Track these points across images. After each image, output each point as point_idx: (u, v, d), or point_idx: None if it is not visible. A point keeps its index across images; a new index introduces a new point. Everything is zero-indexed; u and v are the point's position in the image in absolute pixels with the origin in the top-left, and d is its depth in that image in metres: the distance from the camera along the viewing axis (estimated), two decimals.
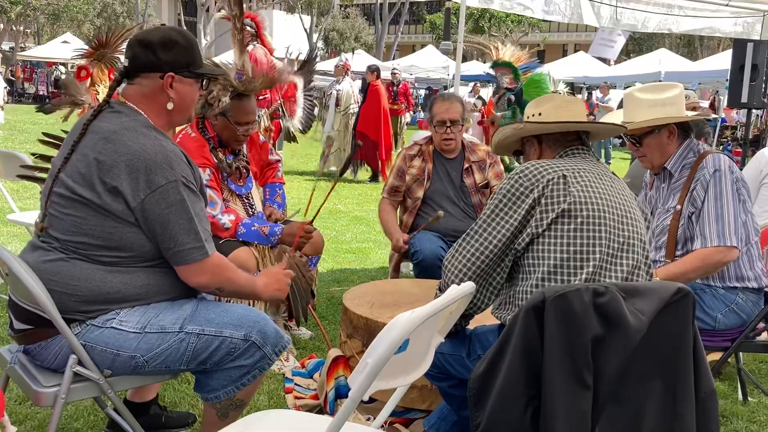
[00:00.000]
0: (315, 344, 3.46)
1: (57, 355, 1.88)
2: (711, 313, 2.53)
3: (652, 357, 1.63)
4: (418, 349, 1.53)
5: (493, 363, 1.63)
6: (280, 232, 2.97)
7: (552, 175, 1.87)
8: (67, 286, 1.85)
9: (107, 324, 1.86)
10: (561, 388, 1.55)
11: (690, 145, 2.65)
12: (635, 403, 1.63)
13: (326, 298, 4.23)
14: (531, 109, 2.14)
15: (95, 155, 1.85)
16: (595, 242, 1.83)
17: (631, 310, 1.59)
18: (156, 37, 1.96)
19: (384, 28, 37.14)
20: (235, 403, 2.01)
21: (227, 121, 2.98)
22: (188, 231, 1.87)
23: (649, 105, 2.61)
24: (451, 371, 2.06)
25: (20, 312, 1.90)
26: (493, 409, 1.61)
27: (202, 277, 1.92)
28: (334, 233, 6.27)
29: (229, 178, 3.07)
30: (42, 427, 2.47)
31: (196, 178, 1.95)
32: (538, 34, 40.94)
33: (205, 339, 1.90)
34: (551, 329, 1.56)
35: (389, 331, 1.24)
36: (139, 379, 1.98)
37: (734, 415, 2.85)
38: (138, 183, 1.82)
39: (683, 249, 2.58)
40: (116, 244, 1.87)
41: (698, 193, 2.52)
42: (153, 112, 1.97)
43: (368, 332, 2.63)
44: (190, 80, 2.01)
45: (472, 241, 1.90)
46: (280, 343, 2.00)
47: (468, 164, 3.70)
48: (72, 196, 1.86)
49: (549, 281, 1.83)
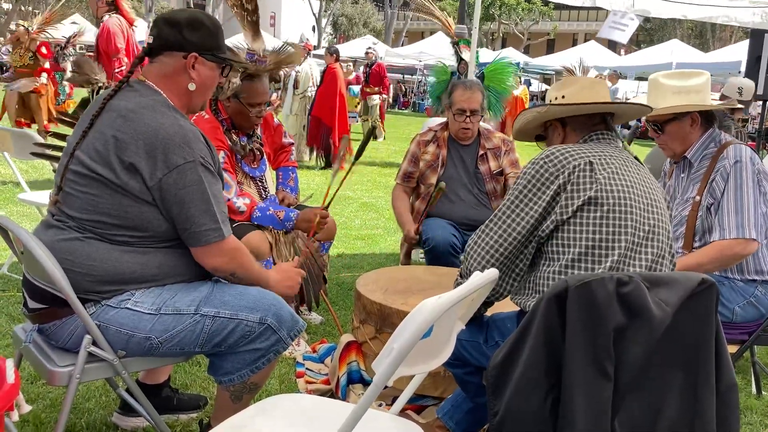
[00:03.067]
0: (326, 329, 3.45)
1: (71, 334, 1.87)
2: (729, 306, 2.50)
3: (674, 348, 1.61)
4: (440, 336, 1.51)
5: (512, 351, 1.61)
6: (295, 218, 2.95)
7: (578, 161, 1.84)
8: (83, 265, 1.83)
9: (122, 305, 1.85)
10: (582, 378, 1.53)
11: (712, 134, 2.61)
12: (656, 394, 1.61)
13: (336, 284, 4.21)
14: (554, 92, 2.10)
15: (113, 133, 1.83)
16: (620, 230, 1.80)
17: (654, 301, 1.57)
18: (183, 17, 1.94)
19: (393, 13, 36.94)
20: (249, 386, 1.99)
21: (240, 103, 2.95)
22: (205, 212, 1.85)
23: (674, 92, 2.56)
24: (468, 358, 2.04)
25: (35, 291, 1.88)
26: (512, 397, 1.59)
27: (218, 259, 1.91)
28: (344, 219, 6.25)
29: (243, 160, 3.05)
30: (54, 406, 2.46)
31: (214, 158, 1.93)
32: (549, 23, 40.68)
33: (221, 321, 1.89)
34: (573, 318, 1.53)
35: (415, 316, 1.22)
36: (153, 360, 1.97)
37: (748, 409, 2.83)
38: (156, 162, 1.80)
39: (701, 240, 2.55)
40: (132, 224, 1.85)
41: (718, 184, 2.48)
42: (172, 92, 1.95)
43: (381, 318, 2.62)
44: (212, 64, 2.00)
45: (495, 227, 1.88)
46: (296, 327, 1.99)
47: (483, 151, 3.67)
48: (88, 173, 1.84)
49: (573, 269, 1.80)
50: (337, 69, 9.68)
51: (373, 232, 5.86)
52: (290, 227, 2.96)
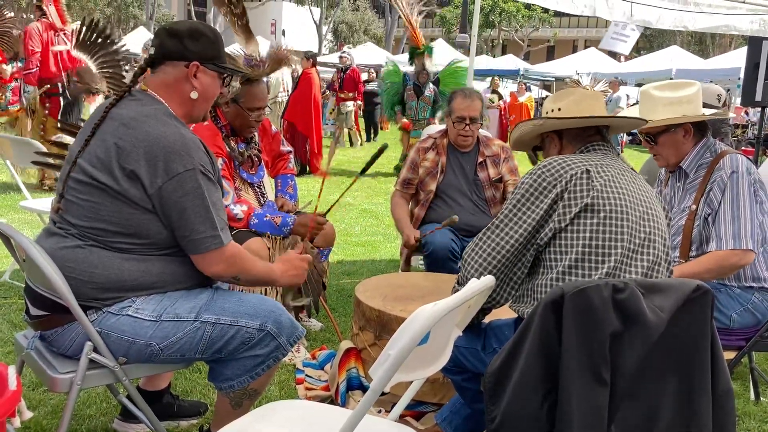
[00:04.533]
0: (325, 336, 3.47)
1: (72, 341, 1.88)
2: (726, 312, 2.51)
3: (670, 354, 1.62)
4: (437, 342, 1.52)
5: (509, 357, 1.62)
6: (292, 223, 2.97)
7: (575, 170, 1.86)
8: (84, 273, 1.85)
9: (123, 312, 1.87)
10: (578, 384, 1.54)
11: (707, 144, 2.62)
12: (652, 399, 1.62)
13: (336, 291, 4.22)
14: (550, 104, 2.12)
15: (115, 140, 1.85)
16: (617, 237, 1.82)
17: (650, 307, 1.58)
18: (184, 28, 1.99)
19: (393, 20, 37.04)
20: (249, 392, 2.01)
21: (239, 107, 2.98)
22: (205, 219, 1.87)
23: (665, 103, 2.59)
24: (466, 364, 2.06)
25: (37, 298, 1.90)
26: (509, 403, 1.60)
27: (218, 267, 1.92)
28: (344, 226, 6.27)
29: (241, 166, 3.07)
30: (55, 412, 2.48)
31: (213, 166, 1.95)
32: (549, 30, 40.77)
33: (221, 328, 1.90)
34: (569, 324, 1.55)
35: (412, 323, 1.24)
36: (154, 367, 1.99)
37: (746, 415, 2.83)
38: (156, 170, 1.82)
39: (698, 250, 2.56)
40: (133, 231, 1.87)
41: (715, 194, 2.50)
42: (174, 101, 1.98)
43: (381, 325, 2.63)
44: (214, 74, 2.02)
45: (492, 235, 1.89)
46: (295, 333, 2.00)
47: (482, 158, 3.69)
48: (90, 181, 1.86)
49: (570, 275, 1.82)
50: (312, 74, 9.53)
51: (373, 239, 5.88)
52: (287, 232, 2.98)
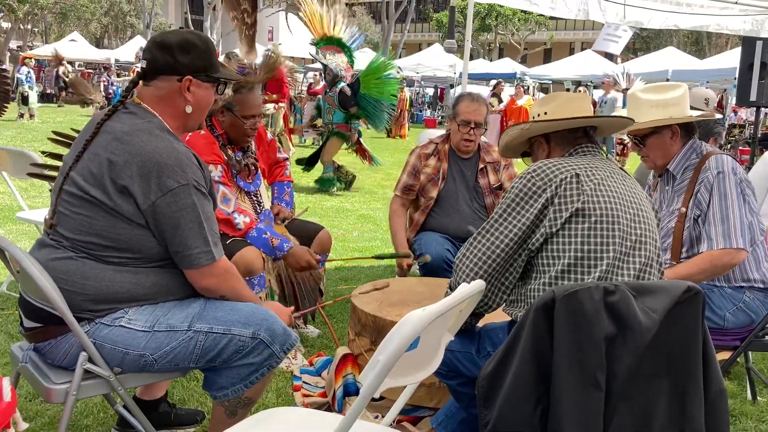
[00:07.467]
0: (323, 342, 3.47)
1: (67, 353, 1.89)
2: (719, 312, 2.52)
3: (662, 356, 1.63)
4: (428, 346, 1.53)
5: (502, 362, 1.63)
6: (287, 250, 2.95)
7: (565, 174, 1.87)
8: (77, 284, 1.86)
9: (116, 322, 1.87)
10: (570, 387, 1.55)
11: (693, 145, 2.64)
12: (645, 402, 1.63)
13: (333, 297, 4.22)
14: (537, 108, 2.14)
15: (107, 155, 1.85)
16: (608, 240, 1.83)
17: (641, 309, 1.59)
18: (175, 40, 1.96)
19: (390, 26, 37.09)
20: (244, 401, 2.01)
21: (234, 116, 2.99)
22: (197, 235, 1.88)
23: (652, 105, 2.60)
24: (461, 369, 2.06)
25: (31, 310, 1.91)
26: (502, 407, 1.60)
27: (209, 281, 1.94)
28: (341, 231, 6.27)
29: (238, 175, 3.08)
30: (52, 423, 2.48)
31: (206, 180, 1.96)
32: (545, 33, 40.86)
33: (214, 337, 1.91)
34: (561, 328, 1.55)
35: (401, 328, 1.24)
36: (149, 376, 1.99)
37: (743, 415, 2.84)
38: (149, 185, 1.83)
39: (689, 252, 2.57)
40: (125, 245, 1.87)
41: (702, 195, 2.51)
42: (168, 114, 1.98)
43: (376, 330, 2.64)
44: (207, 84, 2.02)
45: (483, 240, 1.90)
46: (288, 341, 2.01)
47: (483, 165, 3.68)
48: (83, 195, 1.86)
49: (562, 280, 1.82)
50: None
51: (370, 245, 5.88)
52: (279, 257, 2.98)
